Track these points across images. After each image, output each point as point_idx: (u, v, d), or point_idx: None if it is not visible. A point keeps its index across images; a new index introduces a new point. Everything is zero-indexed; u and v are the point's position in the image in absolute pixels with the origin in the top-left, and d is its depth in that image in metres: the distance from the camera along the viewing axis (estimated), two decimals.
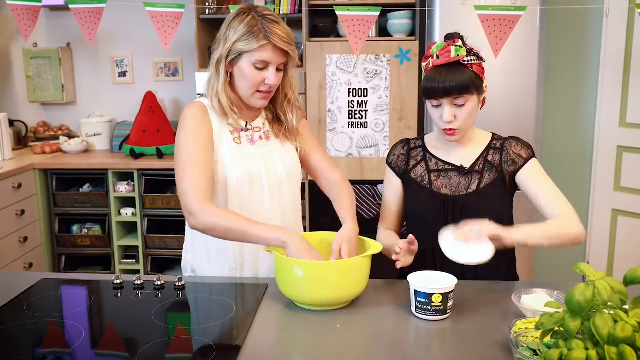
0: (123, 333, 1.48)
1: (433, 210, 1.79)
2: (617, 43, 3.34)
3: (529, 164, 1.77)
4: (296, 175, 1.87)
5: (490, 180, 1.78)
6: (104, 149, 4.03)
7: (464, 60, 1.68)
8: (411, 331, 1.47)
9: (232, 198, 1.75)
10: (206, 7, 3.59)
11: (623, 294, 0.91)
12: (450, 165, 1.81)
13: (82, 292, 1.70)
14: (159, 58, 4.04)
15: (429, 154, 1.86)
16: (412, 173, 1.86)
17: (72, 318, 1.51)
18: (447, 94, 1.68)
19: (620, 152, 3.42)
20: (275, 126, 1.85)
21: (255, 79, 1.69)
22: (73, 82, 4.13)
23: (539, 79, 3.25)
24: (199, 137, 1.71)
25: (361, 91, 3.42)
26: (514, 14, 2.47)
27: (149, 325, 1.48)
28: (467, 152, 1.82)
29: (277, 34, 1.66)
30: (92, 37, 2.75)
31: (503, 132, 3.29)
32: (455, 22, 3.19)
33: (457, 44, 1.69)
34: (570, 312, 0.91)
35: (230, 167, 1.74)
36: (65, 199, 3.69)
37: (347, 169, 3.49)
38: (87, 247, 3.73)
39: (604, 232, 3.54)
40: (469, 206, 1.76)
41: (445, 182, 1.81)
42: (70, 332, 1.44)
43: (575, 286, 0.91)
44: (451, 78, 1.66)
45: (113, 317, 1.57)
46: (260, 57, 1.66)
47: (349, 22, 2.58)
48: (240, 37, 1.65)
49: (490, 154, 1.81)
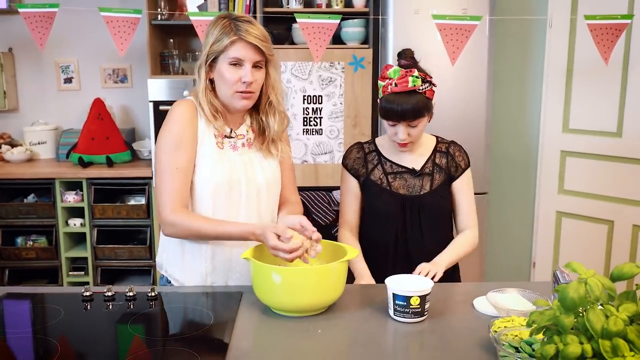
0: (94, 348, 1.43)
1: (394, 209, 1.97)
2: (560, 52, 3.49)
3: (465, 175, 2.04)
4: (275, 186, 1.87)
5: (441, 182, 1.99)
6: (49, 157, 3.89)
7: (419, 89, 1.87)
8: (391, 334, 1.50)
9: (207, 202, 1.74)
10: (158, 13, 3.53)
11: (612, 290, 0.96)
12: (403, 168, 2.00)
13: (49, 305, 1.64)
14: (107, 64, 3.94)
15: (384, 157, 2.02)
16: (371, 176, 2.01)
17: (43, 332, 1.46)
18: (403, 118, 1.87)
19: (564, 156, 3.56)
20: (259, 139, 1.83)
21: (233, 78, 1.69)
22: (15, 89, 3.97)
23: (488, 87, 3.35)
24: (182, 143, 1.70)
25: (316, 98, 3.44)
26: (469, 23, 2.55)
27: (127, 336, 1.44)
28: (417, 156, 2.02)
29: (247, 30, 1.69)
30: (43, 43, 2.67)
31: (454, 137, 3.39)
32: (408, 31, 3.26)
33: (413, 75, 1.86)
34: (564, 308, 0.95)
35: (211, 170, 1.73)
36: (8, 209, 3.54)
37: (302, 175, 3.50)
38: (32, 259, 3.59)
39: (549, 233, 3.68)
40: (425, 205, 1.97)
41: (401, 183, 1.99)
42: (42, 346, 1.39)
43: (569, 284, 0.95)
44: (407, 105, 1.85)
45: (83, 330, 1.52)
46: (233, 54, 1.68)
47: (309, 30, 2.60)
48: (215, 39, 1.69)
49: (437, 157, 2.02)
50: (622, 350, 0.90)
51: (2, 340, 1.42)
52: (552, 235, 3.67)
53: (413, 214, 1.97)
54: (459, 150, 2.06)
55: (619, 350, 0.90)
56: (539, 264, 3.77)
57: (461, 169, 2.03)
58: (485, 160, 3.42)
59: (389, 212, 1.98)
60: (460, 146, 2.08)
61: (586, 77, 3.39)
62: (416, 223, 1.98)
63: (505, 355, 1.22)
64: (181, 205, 1.68)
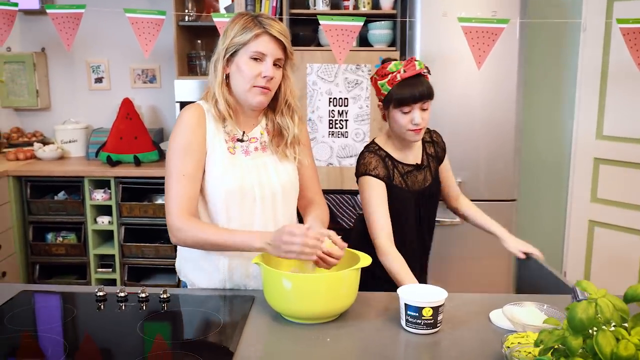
0: (104, 348, 1.43)
1: (413, 207, 2.07)
2: (594, 57, 3.39)
3: (446, 155, 2.21)
4: (292, 189, 1.82)
5: (435, 169, 2.15)
6: (79, 155, 3.96)
7: (424, 73, 1.99)
8: (401, 345, 1.46)
9: (221, 209, 1.71)
10: (185, 14, 3.56)
11: (624, 312, 0.91)
12: (411, 166, 2.08)
13: (64, 304, 1.65)
14: (137, 64, 3.99)
15: (395, 160, 2.07)
16: (394, 181, 2.04)
17: (54, 332, 1.47)
18: (420, 100, 1.95)
19: (597, 164, 3.47)
20: (275, 140, 1.80)
21: (252, 72, 1.66)
22: (47, 88, 4.05)
23: (518, 91, 3.28)
24: (189, 149, 1.67)
25: (342, 100, 3.42)
26: (496, 26, 2.50)
27: (133, 339, 1.44)
28: (415, 151, 2.11)
29: (271, 25, 1.67)
30: (70, 43, 2.70)
31: (483, 142, 3.34)
32: (436, 33, 3.21)
33: (417, 60, 1.98)
34: (572, 329, 0.90)
35: (222, 177, 1.69)
36: (39, 206, 3.61)
37: (327, 178, 3.48)
38: (61, 255, 3.65)
39: (581, 243, 3.58)
40: (432, 196, 2.12)
41: (413, 180, 2.08)
42: (50, 345, 1.40)
43: (577, 303, 0.91)
44: (421, 87, 1.95)
45: (96, 330, 1.52)
46: (256, 48, 1.65)
47: (332, 32, 2.57)
48: (237, 33, 1.66)
49: (427, 147, 2.15)
50: None
51: (13, 338, 1.43)
52: (584, 245, 3.57)
53: (425, 207, 2.11)
54: (437, 135, 2.21)
55: None
56: (570, 274, 3.67)
57: (444, 151, 2.20)
58: (514, 166, 3.35)
59: (410, 211, 2.07)
60: (435, 131, 2.23)
61: (621, 83, 3.29)
62: (430, 213, 2.15)
63: None
64: (188, 212, 1.64)
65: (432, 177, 2.13)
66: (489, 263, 3.43)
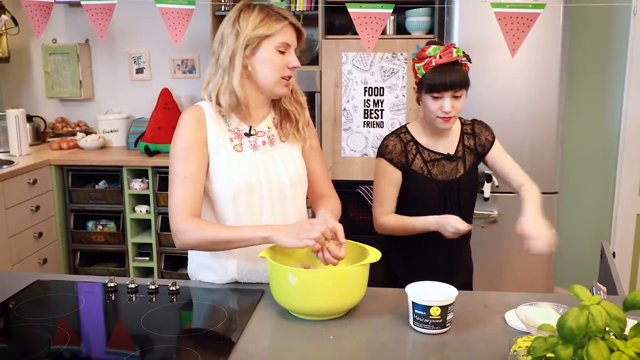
0: (108, 339, 1.44)
1: (435, 196, 2.03)
2: None
3: (494, 147, 2.10)
4: (301, 183, 1.79)
5: (472, 163, 2.08)
6: (120, 145, 4.03)
7: (462, 60, 1.95)
8: (408, 345, 1.41)
9: (228, 206, 1.68)
10: (222, 4, 3.55)
11: (621, 321, 0.83)
12: (440, 155, 2.04)
13: (75, 295, 1.67)
14: (176, 55, 4.02)
15: (421, 146, 2.04)
16: (413, 166, 2.03)
17: (62, 322, 1.48)
18: (451, 88, 1.91)
19: None
20: (284, 124, 1.77)
21: (281, 63, 1.64)
22: (91, 78, 4.13)
23: (561, 78, 3.14)
24: (190, 152, 1.64)
25: (377, 90, 3.35)
26: (532, 11, 2.38)
27: (137, 331, 1.44)
28: (449, 140, 2.06)
29: (289, 14, 1.66)
30: (103, 34, 2.72)
31: (523, 132, 3.21)
32: (475, 20, 3.10)
33: (455, 47, 1.94)
34: (562, 338, 0.83)
35: (229, 177, 1.66)
36: (80, 195, 3.69)
37: (361, 169, 3.43)
38: (101, 243, 3.73)
39: (628, 238, 3.41)
40: (461, 188, 2.05)
41: (439, 169, 2.03)
42: (57, 336, 1.41)
43: (569, 310, 0.84)
44: (454, 75, 1.91)
45: (103, 321, 1.54)
46: (283, 39, 1.64)
47: (361, 20, 2.51)
48: (258, 23, 1.62)
49: (465, 139, 2.09)
50: None
51: (22, 327, 1.45)
52: (632, 239, 3.41)
53: (452, 198, 2.04)
54: (482, 128, 2.12)
55: None
56: (617, 270, 3.50)
57: (489, 143, 2.10)
58: (556, 157, 3.21)
59: (430, 199, 2.03)
60: (481, 122, 2.14)
61: None
62: (455, 206, 2.03)
63: None
64: (191, 214, 1.62)
65: (465, 170, 2.06)
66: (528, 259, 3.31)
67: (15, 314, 1.52)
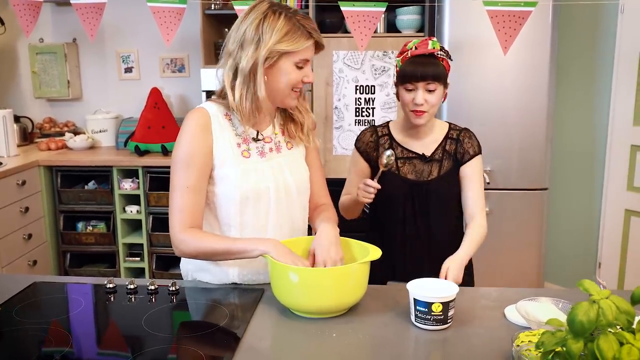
0: (112, 340, 1.44)
1: (401, 194, 1.99)
2: (632, 40, 3.25)
3: (473, 161, 2.00)
4: (306, 189, 1.79)
5: (449, 168, 2.00)
6: (109, 145, 4.01)
7: (438, 54, 1.91)
8: (410, 342, 1.42)
9: (234, 215, 1.67)
10: (211, 2, 3.54)
11: (630, 314, 0.84)
12: (413, 154, 2.01)
13: (74, 296, 1.66)
14: (165, 54, 4.00)
15: (395, 142, 2.03)
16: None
17: (61, 324, 1.47)
18: (423, 79, 1.87)
19: (634, 151, 3.33)
20: (289, 127, 1.76)
21: (298, 78, 1.62)
22: (79, 78, 4.10)
23: (550, 76, 3.17)
24: (193, 160, 1.62)
25: (368, 88, 3.36)
26: (524, 9, 2.40)
27: (139, 331, 1.44)
28: (428, 141, 2.02)
29: (314, 29, 1.61)
30: (94, 33, 2.71)
31: (513, 130, 3.24)
32: (465, 18, 3.13)
33: (433, 40, 1.92)
34: (572, 332, 0.85)
35: (235, 183, 1.64)
36: (70, 195, 3.66)
37: None
38: (91, 244, 3.71)
39: (616, 233, 3.45)
40: (432, 191, 1.98)
41: (410, 168, 2.00)
42: (58, 337, 1.40)
43: (578, 304, 0.85)
44: (427, 66, 1.88)
45: (103, 322, 1.53)
46: (304, 57, 1.60)
47: (354, 18, 2.52)
48: (281, 37, 1.56)
49: (447, 143, 2.02)
50: None
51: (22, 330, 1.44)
52: (620, 235, 3.44)
53: (421, 199, 1.98)
54: (469, 137, 2.03)
55: None
56: (605, 265, 3.55)
57: (469, 155, 2.00)
58: (545, 154, 3.25)
59: (396, 196, 1.99)
60: (471, 133, 2.06)
61: None
62: (424, 208, 1.98)
63: None
64: (191, 225, 1.62)
65: (439, 174, 1.98)
66: (518, 255, 3.35)
67: (14, 317, 1.51)
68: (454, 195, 2.01)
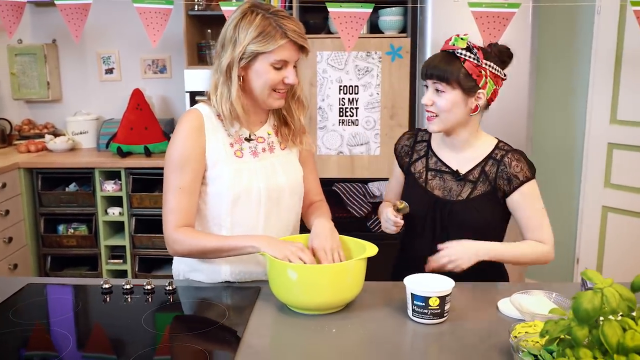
0: (112, 340, 1.44)
1: (424, 208, 1.80)
2: (608, 40, 3.33)
3: (523, 187, 1.74)
4: (299, 190, 1.80)
5: (481, 192, 1.76)
6: (90, 147, 3.96)
7: (459, 53, 1.70)
8: (408, 335, 1.45)
9: (225, 214, 1.68)
10: (195, 3, 3.54)
11: (631, 301, 0.88)
12: (447, 168, 1.81)
13: (70, 297, 1.65)
14: (147, 55, 3.98)
15: (432, 151, 1.86)
16: (412, 167, 1.87)
17: (60, 324, 1.47)
18: (429, 77, 1.72)
19: (611, 149, 3.41)
20: (283, 130, 1.77)
21: (275, 79, 1.61)
22: (59, 79, 4.06)
23: (530, 76, 3.24)
24: (186, 162, 1.64)
25: (352, 88, 3.39)
26: (507, 10, 2.45)
27: (139, 331, 1.44)
28: (467, 157, 1.80)
29: (293, 29, 1.58)
30: (79, 34, 2.69)
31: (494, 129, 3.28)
32: (447, 19, 3.17)
33: (458, 36, 1.72)
34: (578, 320, 0.88)
35: (228, 183, 1.66)
36: (50, 198, 3.62)
37: (337, 167, 3.46)
38: (73, 247, 3.66)
39: (594, 229, 3.53)
40: (455, 213, 1.76)
41: (439, 183, 1.81)
42: (58, 338, 1.40)
43: (582, 293, 0.89)
44: (438, 63, 1.71)
45: (102, 323, 1.53)
46: (280, 57, 1.58)
47: (341, 19, 2.54)
48: (254, 37, 1.56)
49: (488, 164, 1.77)
50: None
51: (20, 331, 1.44)
52: (597, 231, 3.52)
53: (443, 219, 1.78)
54: (517, 160, 1.75)
55: None
56: (583, 261, 3.63)
57: (518, 181, 1.73)
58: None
59: (417, 209, 1.79)
60: (522, 155, 1.77)
61: (636, 67, 3.23)
62: (444, 231, 1.77)
63: None
64: (184, 224, 1.64)
65: (468, 197, 1.76)
66: None
67: (11, 318, 1.50)
68: (479, 225, 1.75)
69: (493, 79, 1.75)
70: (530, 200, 1.76)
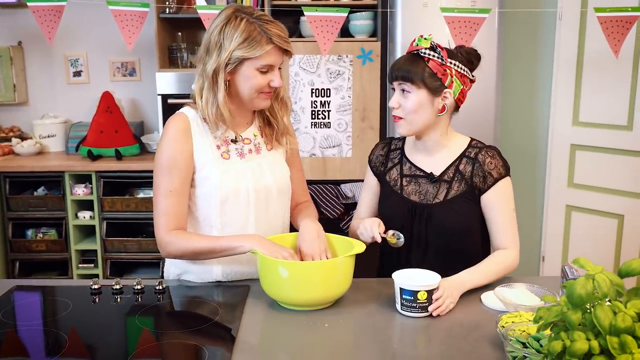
0: (108, 340, 1.44)
1: (401, 216, 1.79)
2: (570, 45, 3.46)
3: (498, 185, 1.73)
4: (287, 189, 1.83)
5: (459, 192, 1.75)
6: (58, 150, 3.91)
7: (422, 53, 1.70)
8: (398, 328, 1.50)
9: (215, 216, 1.71)
10: (166, 6, 3.53)
11: (620, 286, 0.95)
12: (421, 172, 1.80)
13: (59, 298, 1.65)
14: (116, 57, 3.95)
15: (405, 157, 1.85)
16: (387, 175, 1.87)
17: (52, 325, 1.47)
18: (395, 79, 1.72)
19: (574, 150, 3.54)
20: (266, 131, 1.80)
21: (261, 83, 1.64)
22: (25, 82, 3.99)
23: (497, 80, 3.34)
24: (174, 165, 1.66)
25: (324, 91, 3.43)
26: (478, 16, 2.54)
27: (135, 329, 1.45)
28: (440, 158, 1.79)
29: (278, 34, 1.61)
30: (52, 36, 2.67)
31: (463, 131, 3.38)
32: (417, 24, 3.24)
33: (421, 37, 1.72)
34: (572, 304, 0.94)
35: (216, 185, 1.68)
36: (19, 202, 3.56)
37: (310, 169, 3.50)
38: (42, 252, 3.61)
39: (558, 228, 3.66)
40: (434, 216, 1.75)
41: (415, 188, 1.80)
42: (50, 339, 1.40)
43: (576, 280, 0.95)
44: (403, 64, 1.71)
45: (94, 323, 1.53)
46: (266, 62, 1.61)
47: (317, 23, 2.59)
48: (240, 43, 1.58)
49: (462, 162, 1.76)
50: (630, 347, 0.89)
51: (13, 332, 1.43)
52: (562, 229, 3.65)
53: (421, 224, 1.76)
54: (491, 157, 1.75)
55: (627, 347, 0.90)
56: (548, 258, 3.75)
57: (492, 179, 1.72)
58: None
59: (395, 217, 1.78)
60: (495, 151, 1.77)
61: (596, 70, 3.36)
62: (422, 235, 1.76)
63: (513, 350, 1.22)
64: (175, 226, 1.66)
65: (445, 199, 1.74)
66: None
67: (2, 319, 1.49)
68: (459, 227, 1.74)
69: (459, 79, 1.74)
70: (504, 201, 1.74)
